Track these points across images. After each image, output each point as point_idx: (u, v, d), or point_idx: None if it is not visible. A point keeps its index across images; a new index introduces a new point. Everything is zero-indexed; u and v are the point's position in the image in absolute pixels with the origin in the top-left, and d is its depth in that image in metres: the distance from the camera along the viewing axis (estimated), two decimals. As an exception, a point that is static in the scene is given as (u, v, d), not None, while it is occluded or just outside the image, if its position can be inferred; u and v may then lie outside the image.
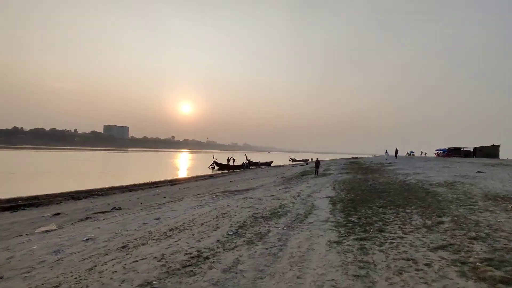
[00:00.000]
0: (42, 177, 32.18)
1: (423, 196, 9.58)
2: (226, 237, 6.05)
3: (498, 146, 44.58)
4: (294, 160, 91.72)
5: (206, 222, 7.72)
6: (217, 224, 7.32)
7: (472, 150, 47.50)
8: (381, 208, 8.08)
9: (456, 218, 6.45)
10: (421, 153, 63.79)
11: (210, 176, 36.28)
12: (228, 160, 59.73)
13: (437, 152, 53.68)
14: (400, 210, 7.71)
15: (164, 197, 16.24)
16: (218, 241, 5.82)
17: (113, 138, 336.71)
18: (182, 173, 45.98)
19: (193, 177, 34.16)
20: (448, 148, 51.98)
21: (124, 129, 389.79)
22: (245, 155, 66.94)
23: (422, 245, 4.78)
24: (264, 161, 69.37)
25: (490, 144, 45.32)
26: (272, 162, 70.71)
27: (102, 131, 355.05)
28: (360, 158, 68.35)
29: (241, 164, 57.44)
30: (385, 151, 41.67)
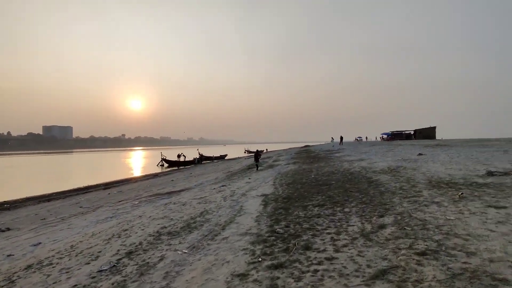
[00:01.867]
0: None
1: (365, 187, 8.48)
2: (92, 278, 4.16)
3: (435, 127, 47.48)
4: (249, 152, 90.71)
5: (91, 247, 5.74)
6: (100, 251, 5.38)
7: (412, 132, 50.11)
8: (317, 208, 6.72)
9: (399, 217, 5.24)
10: (366, 138, 66.35)
11: (155, 175, 33.47)
12: (179, 156, 56.52)
13: (382, 136, 56.03)
14: (338, 209, 6.41)
15: (81, 207, 13.65)
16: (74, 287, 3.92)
17: (55, 140, 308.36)
18: (127, 174, 42.20)
19: (133, 178, 31.09)
20: (392, 131, 54.38)
21: (67, 129, 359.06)
22: (198, 149, 64.20)
23: (355, 272, 3.36)
24: (218, 154, 67.22)
25: (428, 126, 48.22)
26: (226, 155, 68.76)
27: (41, 133, 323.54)
28: (311, 146, 69.16)
29: (192, 159, 54.72)
30: (331, 138, 41.90)
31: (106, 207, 11.62)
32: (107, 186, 24.56)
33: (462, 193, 6.33)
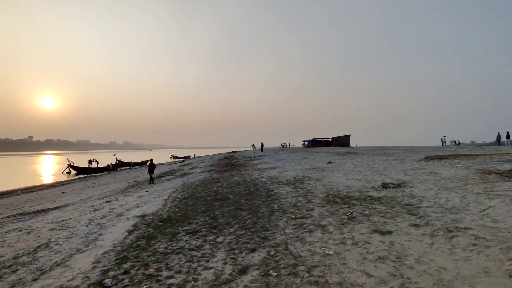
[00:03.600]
0: None
1: (259, 204, 7.41)
2: None
3: (349, 135, 51.14)
4: (176, 157, 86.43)
5: None
6: None
7: (331, 140, 53.24)
8: (187, 236, 5.31)
9: (273, 252, 4.13)
10: (289, 144, 68.66)
11: (51, 185, 28.48)
12: (90, 162, 50.10)
13: (303, 143, 58.44)
14: (211, 238, 5.09)
15: None
16: None
17: None
18: (17, 184, 35.30)
19: (18, 190, 25.79)
20: (312, 139, 57.04)
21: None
22: (114, 155, 58.26)
23: None
24: (143, 160, 61.97)
25: (344, 134, 51.69)
26: (148, 161, 63.79)
27: None
28: (238, 152, 68.79)
29: (105, 166, 49.01)
30: (252, 145, 41.70)
31: None
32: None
33: (351, 213, 5.59)
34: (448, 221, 4.75)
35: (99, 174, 43.84)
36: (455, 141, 43.53)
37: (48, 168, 62.04)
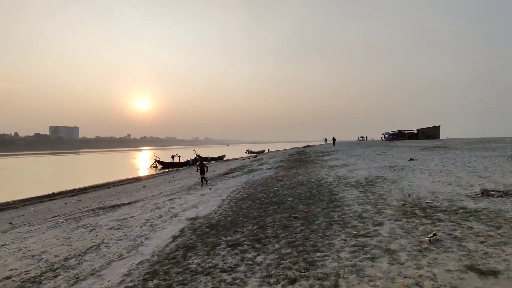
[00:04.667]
0: None
1: (318, 212, 6.38)
2: None
3: (439, 127, 44.56)
4: (250, 152, 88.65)
5: None
6: None
7: (415, 132, 47.36)
8: (226, 250, 4.68)
9: (317, 286, 3.16)
10: (366, 138, 63.49)
11: (136, 179, 31.63)
12: (173, 157, 54.58)
13: (383, 136, 53.28)
14: (250, 255, 4.35)
15: (11, 223, 11.77)
16: None
17: (62, 140, 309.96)
18: (113, 176, 40.39)
19: (110, 183, 29.20)
20: (393, 131, 51.59)
21: (74, 130, 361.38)
22: (194, 150, 62.34)
23: None
24: (221, 154, 65.25)
25: (432, 125, 45.32)
26: (224, 156, 66.61)
27: (48, 133, 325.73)
28: (312, 146, 66.79)
29: (186, 161, 52.72)
30: (324, 139, 39.51)
31: (17, 229, 9.69)
32: (74, 193, 22.77)
33: (435, 234, 4.19)
34: None
35: (180, 168, 47.32)
36: None
37: (140, 162, 69.86)
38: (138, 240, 6.06)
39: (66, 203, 17.05)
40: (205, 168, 15.93)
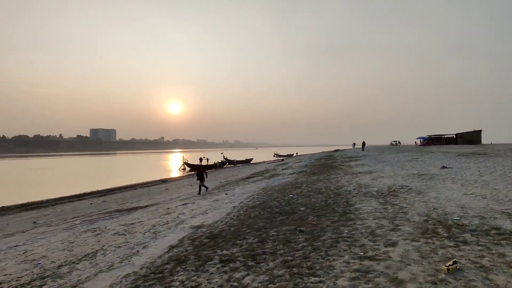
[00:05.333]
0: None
1: (328, 224, 5.82)
2: None
3: (480, 131, 40.99)
4: (278, 156, 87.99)
5: None
6: None
7: (454, 136, 44.13)
8: (216, 267, 4.28)
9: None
10: (399, 142, 60.13)
11: (163, 181, 32.25)
12: (200, 160, 55.41)
13: (418, 141, 50.18)
14: (238, 275, 3.92)
15: (34, 222, 12.22)
16: None
17: (100, 142, 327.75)
18: (142, 178, 41.59)
19: (137, 184, 29.96)
20: (429, 135, 48.43)
21: (111, 132, 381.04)
22: (222, 153, 62.92)
23: None
24: (248, 157, 65.43)
25: (472, 129, 41.86)
26: (251, 159, 66.54)
27: (88, 135, 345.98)
28: (341, 150, 64.82)
29: (213, 163, 53.28)
30: (352, 144, 37.92)
31: (37, 229, 9.94)
32: (103, 193, 23.57)
33: (455, 262, 3.50)
34: None
35: (207, 171, 47.72)
36: None
37: (171, 164, 71.72)
38: (136, 248, 5.85)
39: (91, 203, 17.60)
40: (204, 175, 15.42)
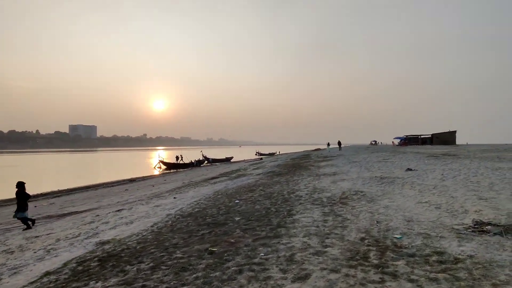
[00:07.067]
0: None
1: (249, 242, 4.77)
2: None
3: (455, 132, 41.31)
4: (260, 154, 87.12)
5: None
6: None
7: (430, 136, 44.33)
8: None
9: None
10: (376, 142, 60.35)
11: (131, 180, 30.57)
12: (177, 158, 53.81)
13: (395, 141, 50.24)
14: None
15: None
16: None
17: (80, 138, 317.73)
18: (117, 175, 39.41)
19: (103, 184, 28.26)
20: (406, 136, 48.57)
21: (92, 128, 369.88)
22: (201, 151, 61.49)
23: None
24: (228, 156, 64.16)
25: (447, 130, 42.13)
26: (232, 157, 65.30)
27: (67, 131, 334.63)
28: (322, 149, 64.53)
29: (189, 162, 51.69)
30: (327, 143, 37.51)
31: None
32: (58, 194, 21.88)
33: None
34: None
35: (183, 170, 46.21)
36: None
37: (150, 162, 69.28)
38: (7, 273, 4.63)
39: (36, 206, 16.01)
40: (26, 200, 9.06)
